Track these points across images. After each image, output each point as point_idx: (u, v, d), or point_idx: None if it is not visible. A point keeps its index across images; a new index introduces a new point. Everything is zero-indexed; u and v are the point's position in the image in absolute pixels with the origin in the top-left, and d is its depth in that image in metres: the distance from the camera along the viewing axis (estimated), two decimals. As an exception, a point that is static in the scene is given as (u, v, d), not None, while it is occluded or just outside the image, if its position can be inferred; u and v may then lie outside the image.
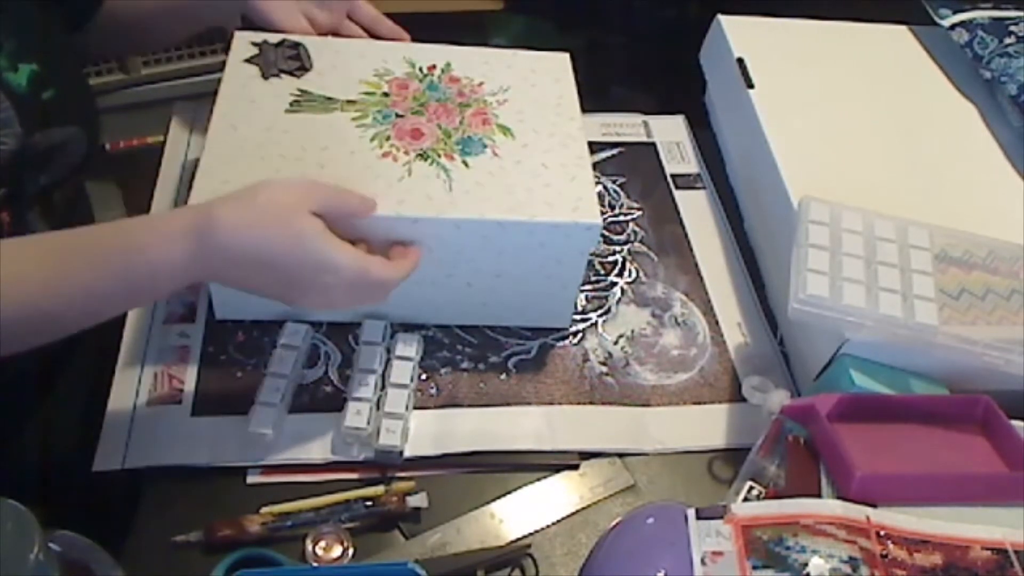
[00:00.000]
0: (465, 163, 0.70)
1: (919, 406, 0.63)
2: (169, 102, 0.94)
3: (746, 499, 0.57)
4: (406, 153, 0.70)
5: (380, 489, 0.64)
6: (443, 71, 0.79)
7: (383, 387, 0.69)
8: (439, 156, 0.70)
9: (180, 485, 0.64)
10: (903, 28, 0.97)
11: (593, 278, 0.83)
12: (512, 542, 0.63)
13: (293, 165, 0.68)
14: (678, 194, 0.93)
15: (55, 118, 0.68)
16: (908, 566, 0.52)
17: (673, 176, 0.95)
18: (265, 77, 0.75)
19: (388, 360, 0.71)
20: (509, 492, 0.66)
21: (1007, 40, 0.88)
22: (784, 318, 0.79)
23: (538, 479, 0.67)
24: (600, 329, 0.79)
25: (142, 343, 0.72)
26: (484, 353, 0.75)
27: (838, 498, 0.55)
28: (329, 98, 0.74)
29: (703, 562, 0.52)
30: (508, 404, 0.71)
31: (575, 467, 0.69)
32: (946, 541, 0.54)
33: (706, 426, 0.72)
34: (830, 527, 0.53)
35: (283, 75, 0.75)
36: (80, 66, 0.77)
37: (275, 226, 0.56)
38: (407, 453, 0.67)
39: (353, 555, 0.60)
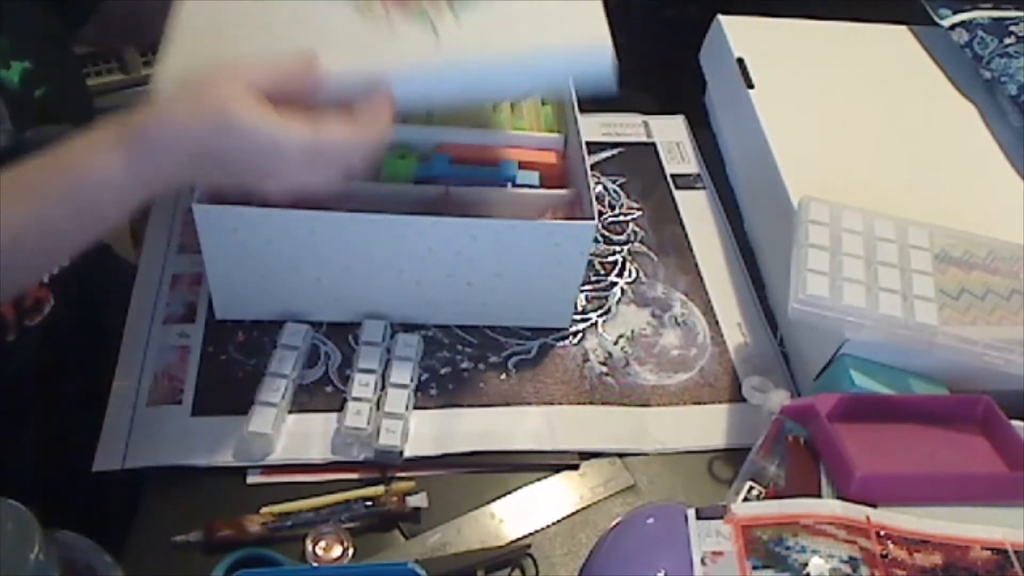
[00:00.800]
0: (455, 13, 0.61)
1: (919, 406, 0.63)
2: (169, 102, 0.94)
3: (746, 499, 0.57)
4: (386, 9, 0.61)
5: (380, 489, 0.64)
6: None
7: (383, 387, 0.69)
8: (425, 8, 0.61)
9: (180, 485, 0.64)
10: (903, 28, 0.97)
11: (593, 278, 0.83)
12: (512, 542, 0.63)
13: (263, 21, 0.60)
14: (678, 194, 0.93)
15: (49, 116, 0.67)
16: (908, 566, 0.52)
17: (673, 176, 0.95)
18: None
19: (388, 360, 0.71)
20: (509, 492, 0.66)
21: (1007, 40, 0.88)
22: (784, 318, 0.79)
23: (538, 479, 0.67)
24: (600, 329, 0.79)
25: (142, 343, 0.72)
26: (484, 353, 0.75)
27: (838, 498, 0.55)
28: None
29: (703, 562, 0.52)
30: (508, 404, 0.71)
31: (575, 467, 0.69)
32: (946, 541, 0.54)
33: (706, 426, 0.72)
34: (830, 527, 0.53)
35: None
36: (76, 65, 0.76)
37: (199, 113, 0.53)
38: (407, 453, 0.67)
39: (353, 555, 0.60)
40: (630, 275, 0.84)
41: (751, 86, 0.85)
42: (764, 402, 0.66)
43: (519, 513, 0.65)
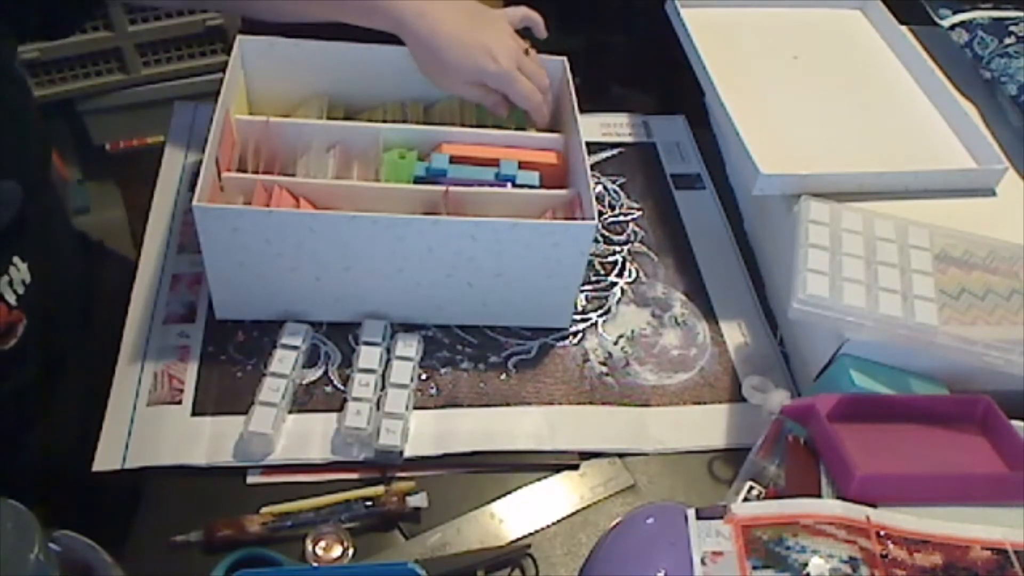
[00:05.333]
0: None
1: (919, 406, 0.63)
2: (169, 102, 0.94)
3: (746, 499, 0.57)
4: None
5: (380, 489, 0.64)
6: None
7: (383, 387, 0.69)
8: None
9: (180, 485, 0.64)
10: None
11: (593, 278, 0.83)
12: (512, 542, 0.63)
13: None
14: (678, 194, 0.93)
15: None
16: (908, 566, 0.52)
17: (673, 176, 0.95)
18: None
19: (388, 360, 0.71)
20: (509, 492, 0.66)
21: (1007, 40, 0.88)
22: (784, 318, 0.79)
23: (538, 479, 0.67)
24: (600, 329, 0.79)
25: (142, 343, 0.72)
26: (484, 353, 0.75)
27: (838, 498, 0.55)
28: None
29: (703, 562, 0.52)
30: (508, 404, 0.71)
31: (575, 467, 0.69)
32: (946, 541, 0.54)
33: (706, 426, 0.72)
34: (830, 527, 0.53)
35: None
36: (22, 114, 0.69)
37: None
38: (407, 453, 0.67)
39: (353, 555, 0.60)
40: (630, 275, 0.84)
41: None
42: (764, 402, 0.66)
43: (519, 513, 0.65)
